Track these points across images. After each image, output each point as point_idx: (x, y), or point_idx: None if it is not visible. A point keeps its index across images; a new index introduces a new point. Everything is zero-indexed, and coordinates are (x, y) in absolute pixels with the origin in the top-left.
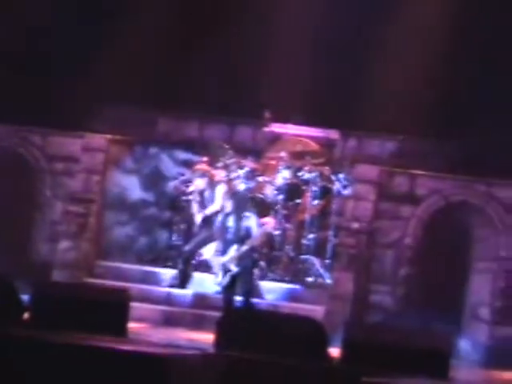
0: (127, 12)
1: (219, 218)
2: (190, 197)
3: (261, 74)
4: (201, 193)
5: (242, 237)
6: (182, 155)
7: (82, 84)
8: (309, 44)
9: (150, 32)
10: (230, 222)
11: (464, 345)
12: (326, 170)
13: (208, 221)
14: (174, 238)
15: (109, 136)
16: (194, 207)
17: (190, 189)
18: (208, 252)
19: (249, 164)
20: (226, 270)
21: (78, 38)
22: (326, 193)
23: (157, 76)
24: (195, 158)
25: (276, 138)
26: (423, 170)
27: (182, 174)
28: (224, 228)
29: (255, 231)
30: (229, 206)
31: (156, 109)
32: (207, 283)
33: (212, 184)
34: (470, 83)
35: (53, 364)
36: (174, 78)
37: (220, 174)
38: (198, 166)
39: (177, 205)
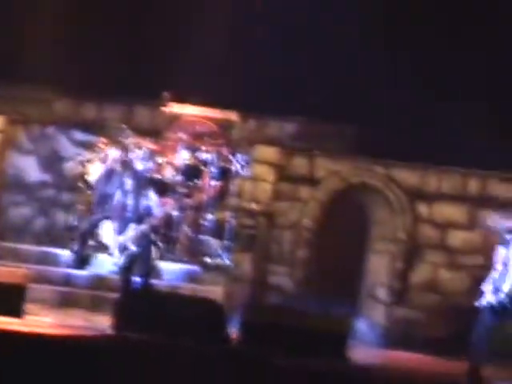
0: None
1: (117, 197)
2: (88, 177)
3: (160, 54)
4: (101, 171)
5: (141, 217)
6: (80, 136)
7: None
8: (208, 24)
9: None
10: (129, 201)
11: (362, 326)
12: (225, 151)
13: (105, 200)
14: (71, 219)
15: (5, 116)
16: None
17: (89, 169)
18: (106, 232)
19: (147, 144)
20: (123, 251)
21: None
22: (224, 174)
23: (55, 55)
24: (93, 138)
25: (175, 119)
26: (322, 152)
27: (80, 155)
28: (122, 207)
29: (154, 211)
30: (128, 185)
31: (54, 89)
32: (105, 264)
33: (111, 163)
34: (368, 66)
35: None
36: (71, 56)
37: (118, 154)
38: (98, 146)
39: (75, 186)
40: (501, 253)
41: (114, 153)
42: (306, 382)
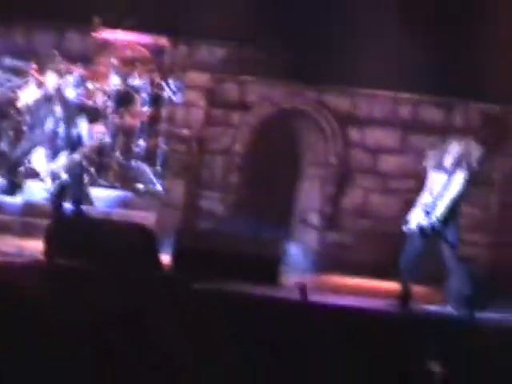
0: None
1: (49, 124)
2: (18, 104)
3: None
4: (31, 98)
5: (72, 143)
6: (10, 62)
7: None
8: None
9: None
10: (60, 128)
11: (294, 251)
12: (157, 76)
13: (34, 127)
14: (1, 145)
15: None
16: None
17: (19, 95)
18: (37, 159)
19: (78, 70)
20: (55, 177)
21: None
22: (156, 100)
23: None
24: (23, 64)
25: (106, 44)
26: (253, 77)
27: (10, 81)
28: (53, 134)
29: (85, 138)
30: (59, 112)
31: None
32: (36, 190)
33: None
34: None
35: None
36: None
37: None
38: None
39: (4, 112)
40: (433, 177)
41: (44, 79)
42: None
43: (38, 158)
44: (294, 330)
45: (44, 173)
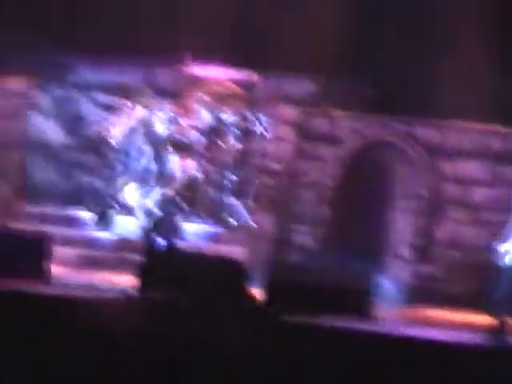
0: None
1: (143, 160)
2: (111, 139)
3: (181, 15)
4: (123, 134)
5: (164, 179)
6: (102, 98)
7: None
8: None
9: None
10: (152, 164)
11: (386, 284)
12: (247, 111)
13: (128, 162)
14: (95, 182)
15: (27, 79)
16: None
17: (111, 131)
18: (129, 194)
19: (169, 106)
20: (147, 213)
21: None
22: (246, 134)
23: (72, 19)
24: (116, 100)
25: (196, 81)
26: (342, 110)
27: (102, 117)
28: (146, 170)
29: (177, 173)
30: (151, 148)
31: (75, 52)
32: (129, 226)
33: (133, 125)
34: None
35: None
36: (90, 19)
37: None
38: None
39: (98, 148)
40: None
41: (136, 115)
42: (327, 340)
43: (131, 194)
44: (385, 361)
45: (137, 208)
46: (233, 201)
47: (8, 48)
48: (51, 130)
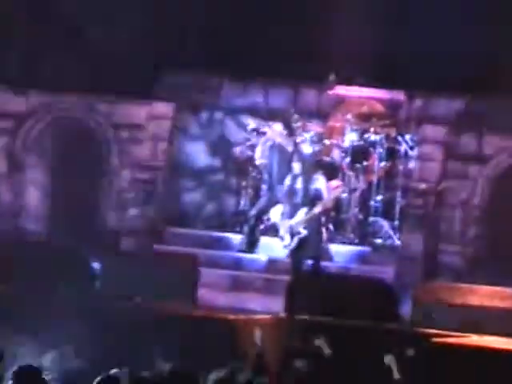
0: None
1: (287, 181)
2: (256, 161)
3: (325, 35)
4: (269, 155)
5: (311, 200)
6: (248, 120)
7: (146, 52)
8: (369, 4)
9: None
10: (298, 185)
11: None
12: (392, 131)
13: (273, 184)
14: (241, 203)
15: (174, 103)
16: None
17: (257, 153)
18: (276, 215)
19: (315, 127)
20: (294, 234)
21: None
22: (392, 154)
23: (219, 40)
24: (261, 122)
25: (341, 101)
26: (490, 129)
27: (248, 139)
28: (292, 191)
29: (324, 194)
30: (297, 168)
31: (220, 74)
32: (276, 247)
33: (279, 146)
34: None
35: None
36: (237, 41)
37: (286, 137)
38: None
39: (243, 170)
40: None
41: (282, 136)
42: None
43: (277, 215)
44: None
45: (283, 229)
46: (379, 221)
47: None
48: (197, 153)
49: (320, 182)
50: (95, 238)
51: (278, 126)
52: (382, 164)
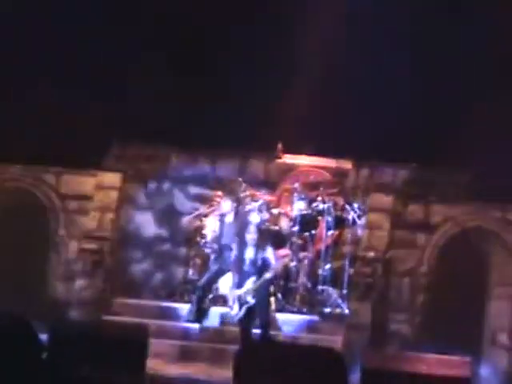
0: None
1: (235, 250)
2: (204, 231)
3: (272, 105)
4: (217, 225)
5: (259, 269)
6: (195, 190)
7: (94, 122)
8: (317, 75)
9: (159, 70)
10: (247, 253)
11: (484, 372)
12: (340, 199)
13: (221, 253)
14: (189, 273)
15: (122, 173)
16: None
17: (205, 223)
18: (224, 285)
19: (263, 196)
20: (242, 303)
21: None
22: (340, 222)
23: (168, 112)
24: (208, 192)
25: (289, 170)
26: (436, 198)
27: (196, 209)
28: (240, 260)
29: (272, 263)
30: (246, 238)
31: (168, 144)
32: (224, 316)
33: (227, 216)
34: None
35: None
36: (184, 112)
37: (233, 206)
38: (213, 199)
39: (191, 240)
40: None
41: (229, 206)
42: None
43: (225, 284)
44: None
45: (231, 299)
46: (328, 290)
47: (102, 143)
48: (145, 223)
49: (268, 251)
50: (42, 307)
51: (226, 196)
52: (330, 232)
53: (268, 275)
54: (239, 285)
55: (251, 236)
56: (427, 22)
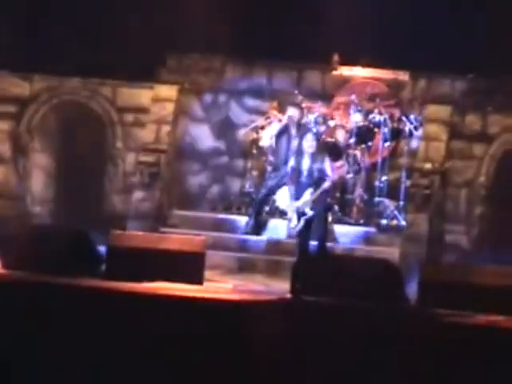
0: None
1: (292, 162)
2: (261, 143)
3: (328, 16)
4: (273, 137)
5: (316, 181)
6: (251, 102)
7: (149, 34)
8: None
9: None
10: (304, 166)
11: None
12: (397, 111)
13: (278, 166)
14: (246, 186)
15: (178, 86)
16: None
17: (261, 135)
18: (281, 197)
19: (319, 108)
20: (300, 215)
21: None
22: (397, 134)
23: (224, 22)
24: (265, 104)
25: (345, 82)
26: (495, 108)
27: (252, 121)
28: (297, 172)
29: (329, 175)
30: (307, 149)
31: (224, 56)
32: (281, 229)
33: (283, 128)
34: None
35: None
36: (239, 24)
37: (290, 118)
38: (270, 111)
39: (248, 152)
40: None
41: (286, 118)
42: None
43: (283, 197)
44: None
45: (289, 211)
46: (384, 202)
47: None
48: (202, 136)
49: (325, 163)
50: (101, 221)
51: (282, 108)
52: (387, 144)
53: (325, 185)
54: (297, 197)
55: (308, 145)
56: None
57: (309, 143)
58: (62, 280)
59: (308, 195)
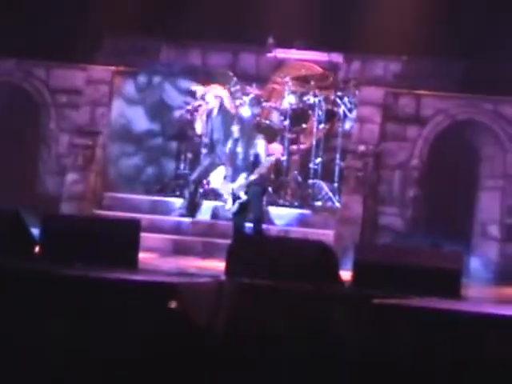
0: None
1: (228, 144)
2: (195, 125)
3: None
4: (208, 115)
5: (251, 163)
6: (186, 84)
7: (84, 15)
8: None
9: None
10: (239, 148)
11: (474, 263)
12: (331, 93)
13: (212, 148)
14: (180, 167)
15: (112, 67)
16: (199, 127)
17: (196, 117)
18: (216, 179)
19: (254, 90)
20: (235, 197)
21: None
22: (331, 116)
23: (157, 3)
24: (199, 86)
25: (280, 64)
26: (428, 90)
27: (187, 103)
28: (233, 154)
29: (263, 157)
30: (236, 132)
31: (158, 37)
32: (216, 211)
33: (218, 110)
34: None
35: (63, 298)
36: (174, 5)
37: (224, 101)
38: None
39: (182, 134)
40: None
41: (220, 100)
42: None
43: (218, 179)
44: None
45: (224, 193)
46: (319, 184)
47: (95, 36)
48: (136, 117)
49: (259, 145)
50: (34, 203)
51: (217, 90)
52: (321, 126)
53: (260, 170)
54: (233, 179)
55: (243, 130)
56: None
57: (238, 126)
58: None
59: (242, 179)
